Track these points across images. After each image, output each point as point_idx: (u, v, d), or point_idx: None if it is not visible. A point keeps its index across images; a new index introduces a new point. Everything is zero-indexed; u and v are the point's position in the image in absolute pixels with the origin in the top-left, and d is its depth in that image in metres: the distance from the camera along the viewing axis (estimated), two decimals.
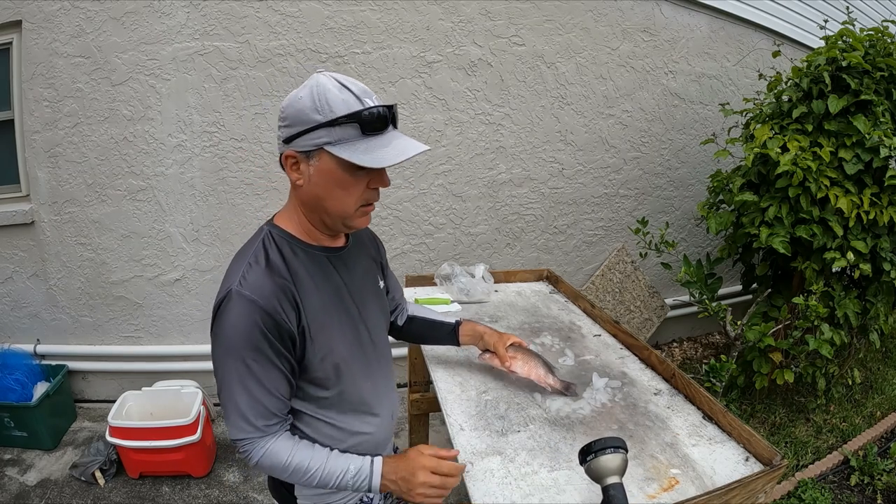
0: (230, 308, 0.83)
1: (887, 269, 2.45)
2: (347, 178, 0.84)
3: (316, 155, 0.83)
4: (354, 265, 1.03)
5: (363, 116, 0.80)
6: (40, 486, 2.25)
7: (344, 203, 0.87)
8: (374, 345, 1.06)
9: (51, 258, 2.58)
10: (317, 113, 0.80)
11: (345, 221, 0.91)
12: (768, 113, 2.63)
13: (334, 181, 0.85)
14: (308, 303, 0.89)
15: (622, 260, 3.37)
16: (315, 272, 0.93)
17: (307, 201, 0.90)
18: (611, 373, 1.53)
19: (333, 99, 0.80)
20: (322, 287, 0.94)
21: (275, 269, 0.87)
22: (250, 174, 2.56)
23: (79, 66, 2.33)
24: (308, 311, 0.89)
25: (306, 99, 0.81)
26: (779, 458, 1.10)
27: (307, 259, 0.93)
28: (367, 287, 1.06)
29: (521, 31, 2.72)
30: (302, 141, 0.82)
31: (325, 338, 0.92)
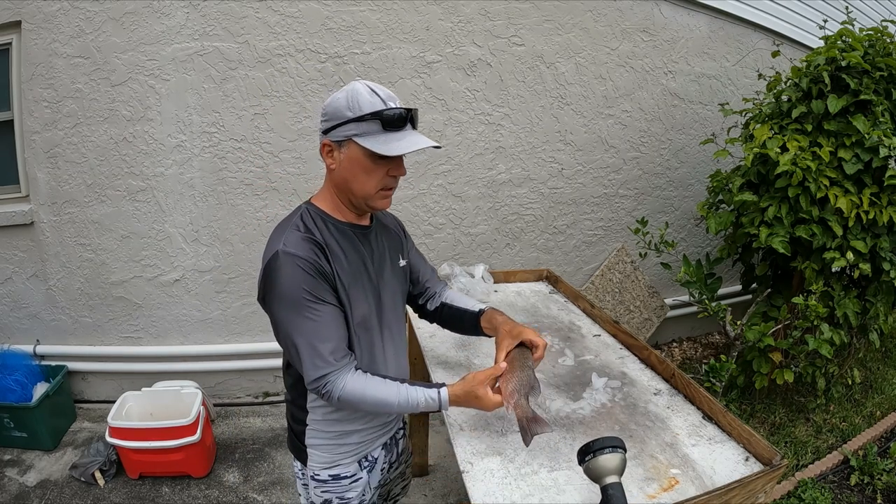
0: (279, 266, 1.00)
1: (887, 269, 2.45)
2: (370, 164, 1.02)
3: (346, 144, 1.02)
4: (376, 242, 1.18)
5: (384, 115, 0.98)
6: (40, 486, 2.24)
7: (366, 185, 1.04)
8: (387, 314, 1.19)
9: (50, 259, 2.58)
10: (349, 110, 0.99)
11: (367, 202, 1.07)
12: (768, 113, 2.63)
13: (360, 166, 1.02)
14: (337, 264, 1.06)
15: (622, 260, 3.37)
16: (343, 242, 1.10)
17: (338, 183, 1.07)
18: (610, 373, 1.53)
19: (363, 100, 0.99)
20: (349, 255, 1.10)
21: (310, 235, 1.05)
22: (250, 174, 2.56)
23: (78, 67, 2.33)
24: (338, 270, 1.06)
25: (342, 99, 1.00)
26: (779, 457, 1.10)
27: (337, 231, 1.10)
28: (385, 263, 1.20)
29: (521, 31, 2.72)
30: (336, 132, 1.01)
31: (350, 296, 1.08)
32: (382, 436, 1.28)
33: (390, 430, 1.31)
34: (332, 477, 1.20)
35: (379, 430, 1.25)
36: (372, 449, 1.26)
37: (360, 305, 1.10)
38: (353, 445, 1.21)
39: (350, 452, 1.21)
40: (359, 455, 1.23)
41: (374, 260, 1.16)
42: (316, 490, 1.22)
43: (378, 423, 1.24)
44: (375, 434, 1.25)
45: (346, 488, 1.22)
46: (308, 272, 1.00)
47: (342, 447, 1.20)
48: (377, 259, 1.17)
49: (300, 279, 1.00)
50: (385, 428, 1.28)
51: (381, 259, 1.18)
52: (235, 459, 2.46)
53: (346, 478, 1.21)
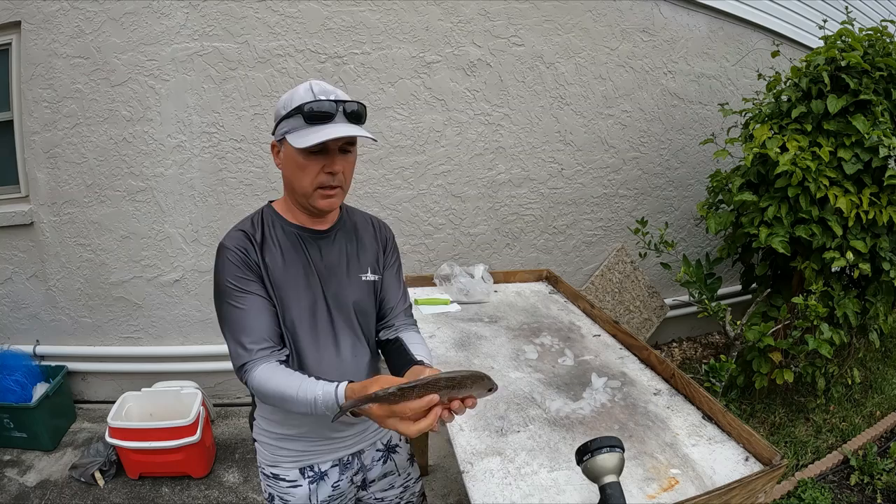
0: (216, 259, 1.05)
1: (887, 269, 2.45)
2: (301, 160, 1.00)
3: (283, 143, 1.02)
4: (330, 248, 1.14)
5: (304, 108, 0.96)
6: (40, 486, 2.24)
7: (303, 182, 1.03)
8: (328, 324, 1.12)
9: (50, 259, 2.58)
10: (283, 109, 1.00)
11: (307, 200, 1.05)
12: (767, 113, 2.63)
13: (294, 163, 1.02)
14: (271, 263, 1.06)
15: (622, 260, 3.37)
16: (285, 243, 1.09)
17: (285, 183, 1.09)
18: (610, 373, 1.53)
19: (297, 97, 0.98)
20: (288, 256, 1.09)
21: (248, 232, 1.07)
22: (249, 175, 2.56)
23: (78, 67, 2.33)
24: (269, 266, 1.06)
25: (283, 98, 1.01)
26: (778, 457, 1.10)
27: (282, 233, 1.10)
28: (338, 271, 1.14)
29: (521, 32, 2.72)
30: (277, 131, 1.03)
31: (281, 295, 1.07)
32: (332, 451, 1.20)
33: (344, 447, 1.21)
34: (273, 475, 1.19)
35: (324, 443, 1.18)
36: (319, 461, 1.19)
37: (290, 309, 1.07)
38: (294, 452, 1.17)
39: (290, 457, 1.18)
40: (300, 463, 1.18)
41: (322, 266, 1.12)
42: (262, 482, 1.23)
43: (318, 435, 1.17)
44: (320, 446, 1.18)
45: (285, 491, 1.19)
46: (235, 263, 1.02)
47: (281, 450, 1.17)
48: (326, 266, 1.12)
49: (228, 270, 1.02)
50: (332, 443, 1.19)
51: (331, 266, 1.13)
52: (235, 460, 2.46)
53: (284, 480, 1.18)
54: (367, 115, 1.03)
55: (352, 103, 0.99)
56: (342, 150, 1.02)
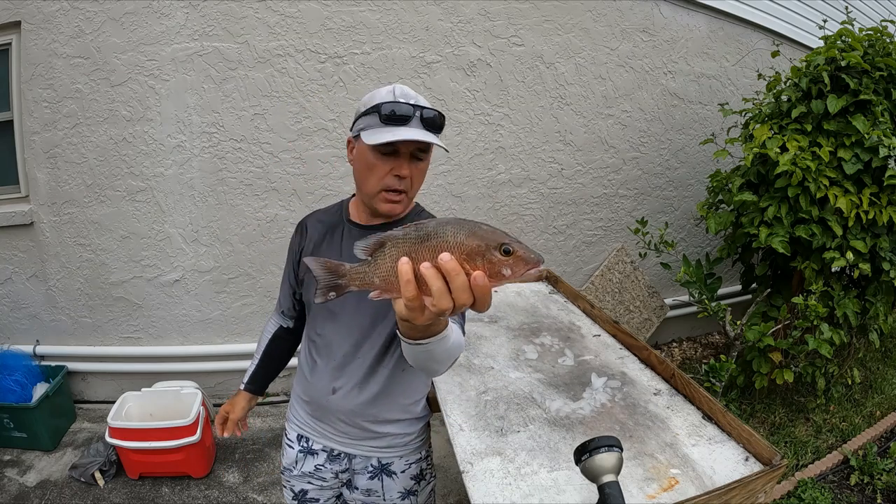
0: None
1: (886, 269, 2.45)
2: (372, 160, 1.01)
3: (358, 140, 1.04)
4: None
5: (381, 107, 0.97)
6: (40, 486, 2.24)
7: (369, 182, 1.04)
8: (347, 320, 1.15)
9: (50, 259, 2.58)
10: (363, 106, 1.03)
11: (371, 201, 1.06)
12: (767, 113, 2.63)
13: (364, 162, 1.03)
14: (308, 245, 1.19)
15: (621, 260, 3.37)
16: (329, 234, 1.18)
17: (355, 179, 1.10)
18: (610, 373, 1.53)
19: (377, 97, 1.01)
20: (325, 245, 1.17)
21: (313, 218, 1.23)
22: (249, 175, 2.56)
23: (78, 67, 2.33)
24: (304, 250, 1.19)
25: (366, 97, 1.05)
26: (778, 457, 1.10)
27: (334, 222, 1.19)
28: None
29: (521, 32, 2.72)
30: (354, 128, 1.05)
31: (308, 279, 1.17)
32: (321, 435, 1.23)
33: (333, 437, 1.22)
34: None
35: (312, 422, 1.24)
36: (313, 438, 1.26)
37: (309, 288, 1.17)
38: (299, 417, 1.28)
39: (296, 420, 1.29)
40: (299, 430, 1.28)
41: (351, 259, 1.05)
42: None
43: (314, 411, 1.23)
44: (311, 425, 1.25)
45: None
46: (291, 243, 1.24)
47: (294, 409, 1.30)
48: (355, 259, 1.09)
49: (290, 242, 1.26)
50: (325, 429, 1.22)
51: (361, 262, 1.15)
52: (235, 460, 2.46)
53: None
54: (444, 124, 1.02)
55: (430, 110, 0.98)
56: (414, 155, 1.01)
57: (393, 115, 0.96)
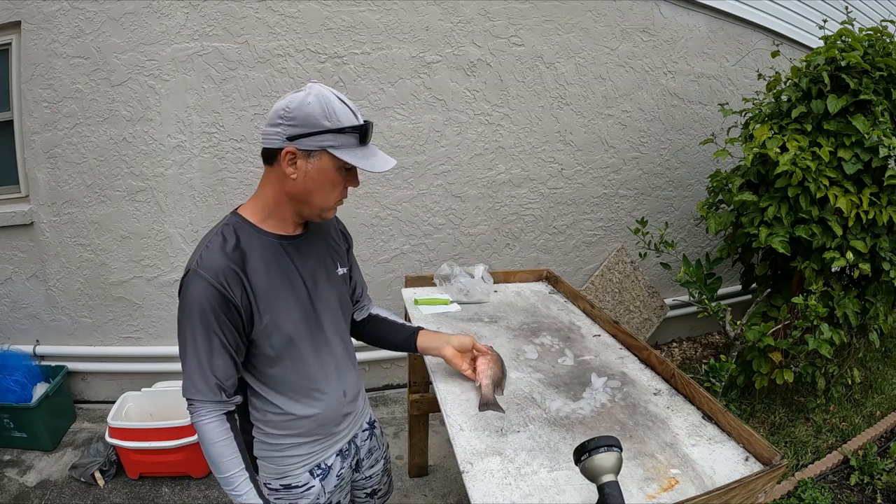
0: (188, 284, 0.99)
1: (887, 269, 2.45)
2: (338, 177, 1.01)
3: (317, 155, 0.97)
4: (308, 251, 1.13)
5: (363, 129, 0.98)
6: (40, 486, 2.24)
7: (328, 198, 1.04)
8: (322, 327, 1.15)
9: (50, 259, 2.58)
10: (326, 120, 0.95)
11: (322, 213, 1.07)
12: (767, 113, 2.63)
13: (328, 179, 1.00)
14: (256, 281, 1.02)
15: (622, 260, 3.37)
16: (267, 256, 1.05)
17: (294, 193, 1.02)
18: (610, 373, 1.53)
19: (339, 110, 0.96)
20: (272, 269, 1.05)
21: (226, 252, 1.00)
22: (249, 175, 2.56)
23: (78, 67, 2.33)
24: (256, 289, 1.02)
25: (315, 106, 0.95)
26: (778, 457, 1.10)
27: (259, 245, 1.04)
28: (320, 272, 1.16)
29: (521, 32, 2.72)
30: (307, 141, 0.96)
31: (272, 315, 1.04)
32: (334, 444, 1.23)
33: (343, 436, 1.25)
34: (283, 487, 1.18)
35: (328, 439, 1.21)
36: (325, 458, 1.21)
37: (285, 323, 1.06)
38: (301, 457, 1.17)
39: (299, 464, 1.18)
40: (309, 465, 1.19)
41: (305, 271, 1.11)
42: (270, 497, 1.19)
43: (325, 433, 1.20)
44: (325, 444, 1.21)
45: (299, 496, 1.19)
46: (210, 302, 0.97)
47: (289, 459, 1.16)
48: (309, 269, 1.12)
49: (200, 305, 0.97)
50: (335, 437, 1.23)
51: (313, 269, 1.13)
52: None
53: (296, 487, 1.18)
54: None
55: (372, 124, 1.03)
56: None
57: (367, 136, 0.99)
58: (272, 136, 0.97)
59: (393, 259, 2.86)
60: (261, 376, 1.10)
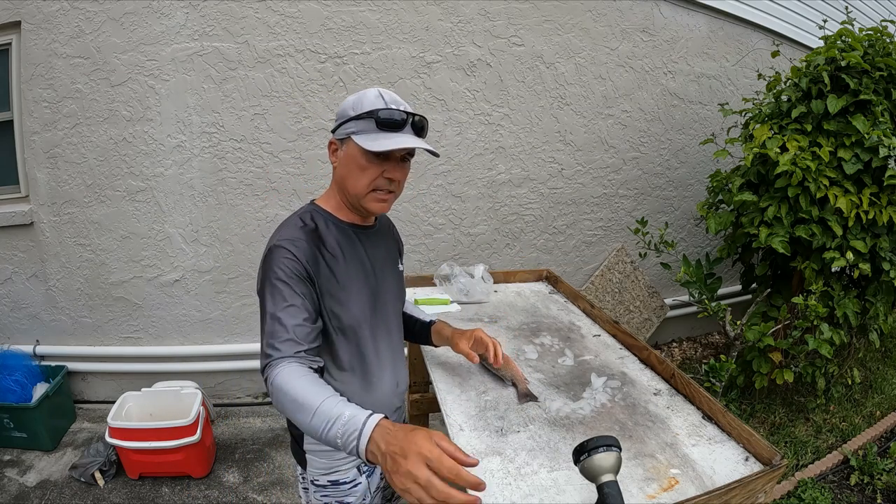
0: (268, 257, 1.02)
1: (887, 269, 2.45)
2: (364, 162, 1.03)
3: (346, 142, 1.05)
4: (378, 244, 1.20)
5: (379, 114, 1.01)
6: (40, 486, 2.24)
7: (359, 184, 1.05)
8: (384, 316, 1.19)
9: (50, 259, 2.58)
10: (352, 109, 1.04)
11: (360, 201, 1.08)
12: (767, 113, 2.63)
13: (355, 164, 1.04)
14: (332, 263, 1.07)
15: (622, 260, 3.37)
16: (343, 242, 1.11)
17: (338, 181, 1.10)
18: (610, 373, 1.53)
19: (367, 101, 1.03)
20: (347, 255, 1.10)
21: (306, 230, 1.06)
22: (249, 175, 2.56)
23: (78, 67, 2.33)
24: (331, 268, 1.06)
25: (350, 100, 1.05)
26: (779, 457, 1.10)
27: (337, 231, 1.11)
28: (387, 266, 1.22)
29: (521, 32, 2.72)
30: (340, 130, 1.06)
31: (343, 297, 1.08)
32: None
33: None
34: (331, 483, 1.18)
35: None
36: None
37: (354, 305, 1.09)
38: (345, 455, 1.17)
39: (348, 459, 1.18)
40: (358, 461, 1.19)
41: (376, 261, 1.17)
42: (316, 494, 1.20)
43: None
44: None
45: (346, 493, 1.20)
46: (289, 265, 1.00)
47: (340, 454, 1.15)
48: (379, 261, 1.18)
49: (281, 269, 0.99)
50: None
51: (382, 261, 1.20)
52: (235, 460, 2.46)
53: (344, 483, 1.19)
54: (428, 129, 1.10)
55: (420, 117, 1.05)
56: (402, 158, 1.07)
57: (389, 121, 1.01)
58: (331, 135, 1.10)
59: None
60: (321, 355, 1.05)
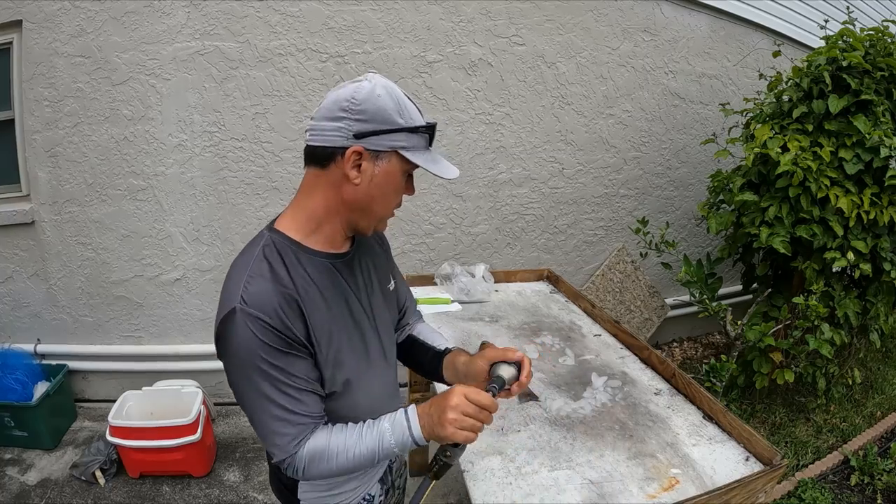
0: (233, 327, 0.79)
1: (887, 269, 2.45)
2: (401, 183, 0.87)
3: (386, 156, 0.82)
4: (360, 269, 0.99)
5: (432, 130, 0.85)
6: (41, 485, 2.25)
7: (390, 206, 0.89)
8: (384, 354, 1.02)
9: (51, 258, 2.58)
10: (399, 116, 0.81)
11: (378, 224, 0.92)
12: (768, 113, 2.63)
13: (393, 184, 0.86)
14: (315, 314, 0.85)
15: (622, 260, 3.37)
16: (321, 280, 0.88)
17: (355, 202, 0.85)
18: (611, 372, 1.53)
19: (409, 107, 0.83)
20: (329, 296, 0.89)
21: (277, 279, 0.82)
22: (251, 174, 2.56)
23: (79, 66, 2.33)
24: (315, 323, 0.85)
25: (387, 99, 0.80)
26: (779, 457, 1.10)
27: (312, 267, 0.88)
28: (374, 291, 1.02)
29: (522, 31, 2.72)
30: (378, 140, 0.81)
31: (333, 351, 0.89)
32: (378, 471, 1.11)
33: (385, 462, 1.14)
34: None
35: (374, 468, 1.09)
36: (369, 488, 1.09)
37: (347, 360, 0.91)
38: (350, 490, 1.05)
39: (347, 500, 1.05)
40: (357, 498, 1.06)
41: (361, 292, 0.97)
42: None
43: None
44: (371, 474, 1.09)
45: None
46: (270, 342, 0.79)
47: (338, 496, 1.03)
48: (364, 290, 0.98)
49: (261, 348, 0.79)
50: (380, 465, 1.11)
51: (368, 288, 1.00)
52: (236, 459, 2.46)
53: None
54: None
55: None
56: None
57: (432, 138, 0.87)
58: (331, 133, 0.81)
59: (394, 258, 2.85)
60: None
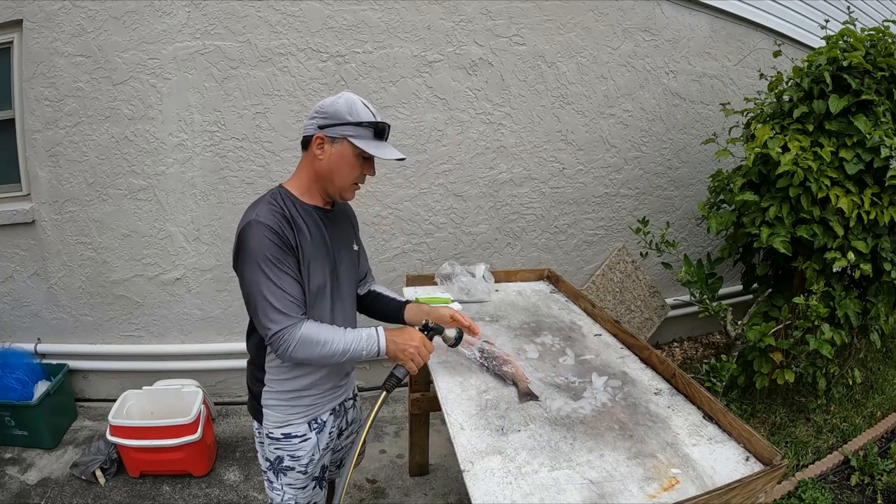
0: (248, 232, 1.16)
1: (888, 269, 2.45)
2: (355, 162, 1.24)
3: (340, 142, 1.21)
4: (336, 226, 1.36)
5: (378, 125, 1.22)
6: (41, 484, 2.25)
7: (346, 179, 1.25)
8: (340, 287, 1.36)
9: (51, 257, 2.58)
10: (348, 115, 1.21)
11: (341, 193, 1.28)
12: (769, 113, 2.63)
13: (346, 162, 1.23)
14: (301, 238, 1.22)
15: (623, 259, 3.37)
16: (308, 220, 1.26)
17: (321, 172, 1.25)
18: (611, 372, 1.53)
19: (360, 110, 1.22)
20: (313, 233, 1.26)
21: (278, 209, 1.21)
22: (251, 173, 2.56)
23: (80, 66, 2.33)
24: (302, 245, 1.22)
25: (342, 104, 1.21)
26: (779, 457, 1.10)
27: (303, 212, 1.26)
28: (343, 244, 1.38)
29: (522, 31, 2.72)
30: (333, 130, 1.21)
31: (311, 266, 1.24)
32: (332, 400, 1.41)
33: (339, 395, 1.44)
34: (283, 435, 1.33)
35: (329, 393, 1.38)
36: (321, 412, 1.38)
37: (316, 276, 1.25)
38: (304, 407, 1.34)
39: (301, 413, 1.34)
40: (308, 416, 1.35)
41: (334, 240, 1.32)
42: (270, 447, 1.35)
43: (327, 387, 1.37)
44: (325, 398, 1.38)
45: (297, 447, 1.34)
46: (274, 241, 1.15)
47: (294, 408, 1.33)
48: (336, 239, 1.34)
49: (268, 245, 1.15)
50: (334, 392, 1.41)
51: (339, 240, 1.35)
52: (236, 458, 2.46)
53: (296, 437, 1.34)
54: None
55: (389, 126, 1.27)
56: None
57: (382, 132, 1.23)
58: (309, 127, 1.23)
59: (394, 258, 2.86)
60: None
